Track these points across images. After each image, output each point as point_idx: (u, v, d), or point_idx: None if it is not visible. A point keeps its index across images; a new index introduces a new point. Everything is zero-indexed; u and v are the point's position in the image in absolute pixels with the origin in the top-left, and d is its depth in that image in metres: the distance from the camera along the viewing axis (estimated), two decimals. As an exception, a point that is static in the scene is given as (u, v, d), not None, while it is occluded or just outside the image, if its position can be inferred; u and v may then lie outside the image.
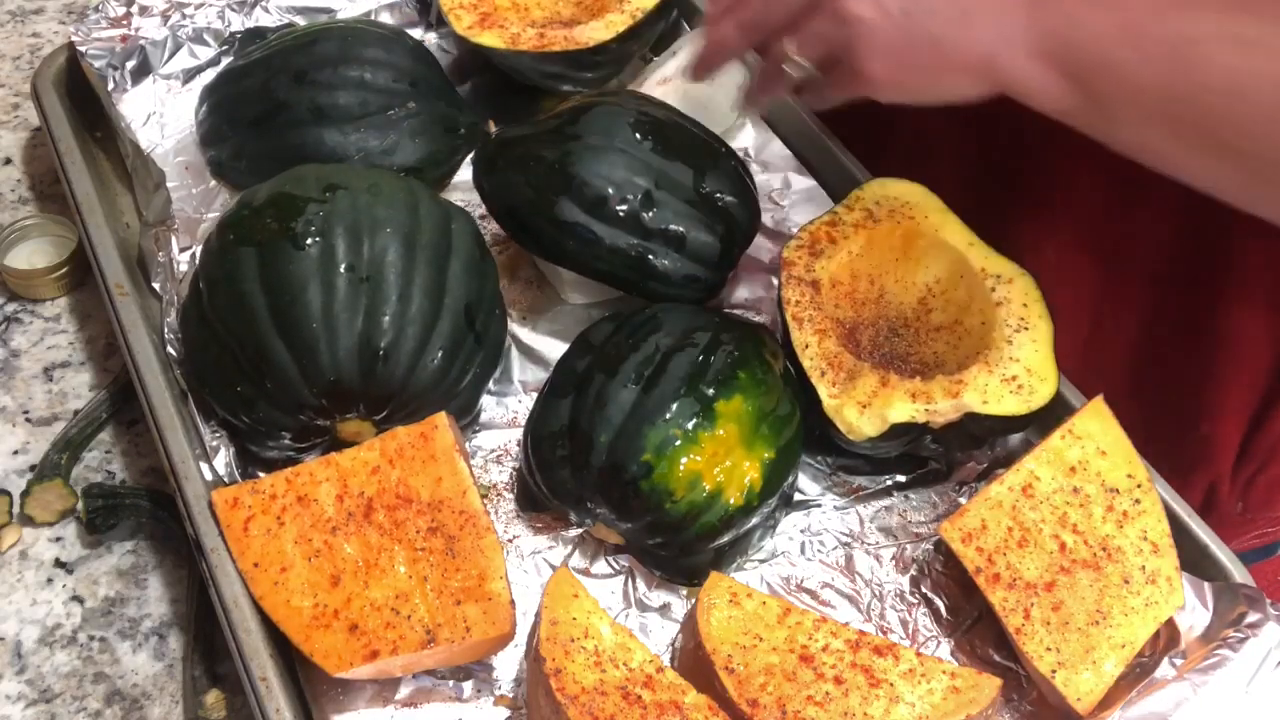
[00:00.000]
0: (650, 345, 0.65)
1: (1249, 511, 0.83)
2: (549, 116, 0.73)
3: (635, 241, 0.70)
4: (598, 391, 0.63)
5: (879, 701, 0.58)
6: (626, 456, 0.61)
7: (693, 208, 0.70)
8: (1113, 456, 0.66)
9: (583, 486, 0.63)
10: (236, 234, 0.65)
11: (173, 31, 0.87)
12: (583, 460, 0.62)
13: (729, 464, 0.62)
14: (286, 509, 0.61)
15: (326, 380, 0.62)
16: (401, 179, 0.69)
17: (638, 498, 0.61)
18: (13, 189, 0.89)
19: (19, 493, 0.70)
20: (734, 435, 0.62)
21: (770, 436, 0.64)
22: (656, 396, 0.62)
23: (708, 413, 0.62)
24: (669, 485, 0.61)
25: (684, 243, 0.70)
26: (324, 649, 0.57)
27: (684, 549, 0.64)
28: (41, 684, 0.65)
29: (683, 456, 0.61)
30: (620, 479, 0.61)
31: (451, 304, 0.65)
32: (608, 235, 0.69)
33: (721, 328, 0.67)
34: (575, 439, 0.63)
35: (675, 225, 0.70)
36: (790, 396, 0.66)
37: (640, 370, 0.63)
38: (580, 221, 0.69)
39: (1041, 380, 0.67)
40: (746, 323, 0.70)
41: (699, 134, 0.74)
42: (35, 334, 0.80)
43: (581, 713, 0.55)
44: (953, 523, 0.64)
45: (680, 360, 0.64)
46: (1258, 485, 0.81)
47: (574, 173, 0.69)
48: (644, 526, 0.63)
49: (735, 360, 0.64)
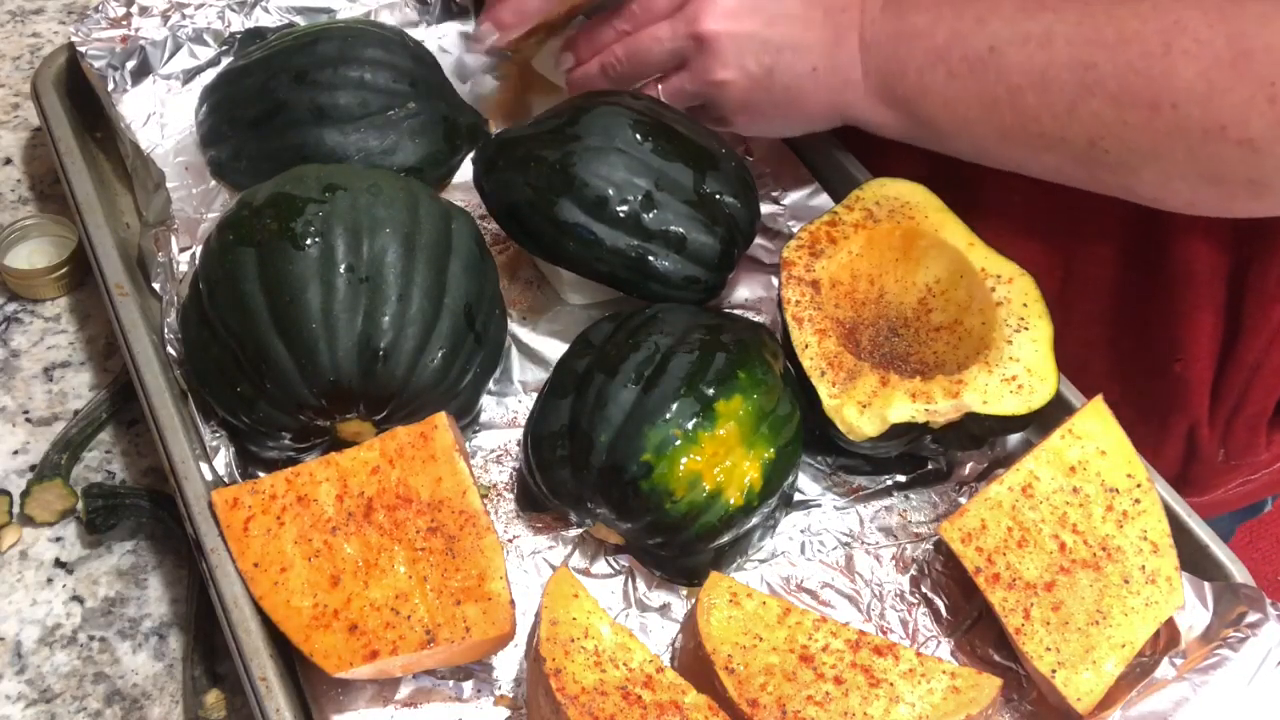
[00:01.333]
0: (650, 345, 0.65)
1: (1231, 458, 0.84)
2: (549, 116, 0.73)
3: (635, 243, 0.70)
4: (598, 391, 0.63)
5: (879, 701, 0.58)
6: (626, 456, 0.61)
7: (693, 209, 0.70)
8: (1112, 456, 0.66)
9: (583, 486, 0.63)
10: (236, 234, 0.65)
11: (173, 32, 0.87)
12: (583, 460, 0.62)
13: (729, 464, 0.62)
14: (286, 509, 0.61)
15: (326, 380, 0.62)
16: (401, 179, 0.69)
17: (638, 498, 0.61)
18: (13, 189, 0.89)
19: (19, 493, 0.70)
20: (734, 435, 0.62)
21: (770, 436, 0.64)
22: (656, 396, 0.62)
23: (708, 412, 0.62)
24: (669, 485, 0.61)
25: (684, 244, 0.70)
26: (324, 649, 0.57)
27: (684, 549, 0.64)
28: (41, 684, 0.65)
29: (683, 456, 0.61)
30: (620, 479, 0.61)
31: (451, 304, 0.65)
32: (608, 236, 0.69)
33: (721, 328, 0.67)
34: (575, 439, 0.63)
35: (675, 226, 0.70)
36: (790, 396, 0.66)
37: (640, 370, 0.63)
38: (580, 222, 0.69)
39: (1041, 380, 0.67)
40: (746, 322, 0.70)
41: (700, 135, 0.74)
42: (35, 334, 0.80)
43: (581, 713, 0.55)
44: (952, 523, 0.64)
45: (680, 360, 0.64)
46: (1236, 428, 0.82)
47: (574, 173, 0.69)
48: (644, 526, 0.63)
49: (735, 360, 0.64)
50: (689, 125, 0.74)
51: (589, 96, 0.75)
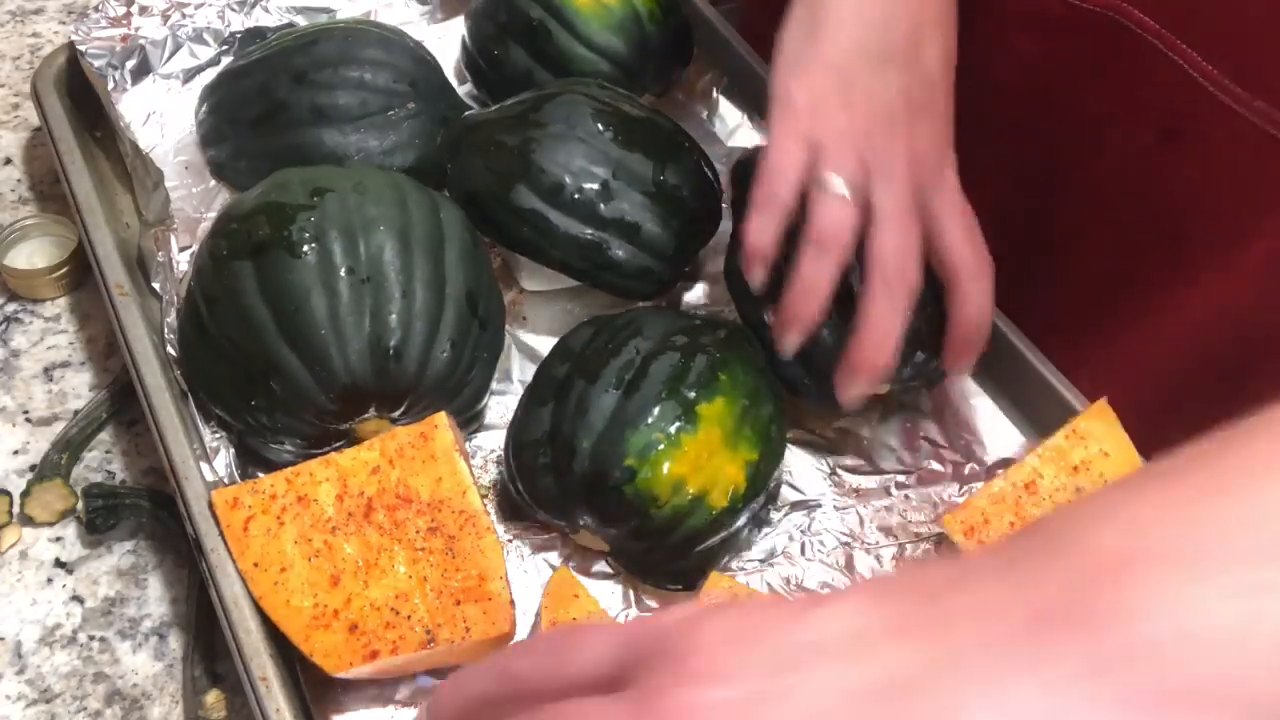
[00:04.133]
0: (630, 349, 0.64)
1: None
2: (514, 102, 0.74)
3: (590, 231, 0.69)
4: (578, 397, 0.62)
5: (880, 701, 0.58)
6: (609, 462, 0.60)
7: (650, 200, 0.70)
8: (1116, 458, 0.66)
9: (566, 494, 0.62)
10: (230, 248, 0.64)
11: (173, 31, 0.87)
12: (565, 467, 0.62)
13: (712, 467, 0.62)
14: (286, 509, 0.61)
15: (342, 384, 0.62)
16: (385, 174, 0.69)
17: (622, 503, 0.61)
18: (13, 189, 0.89)
19: (19, 493, 0.70)
20: (717, 438, 0.62)
21: (753, 437, 0.63)
22: (638, 401, 0.61)
23: (690, 416, 0.61)
24: (653, 490, 0.60)
25: (639, 233, 0.70)
26: (323, 649, 0.57)
27: (671, 553, 0.63)
28: (41, 684, 0.64)
29: (666, 460, 0.60)
30: (604, 485, 0.61)
31: (453, 294, 0.65)
32: (562, 223, 0.69)
33: (701, 330, 0.66)
34: (557, 446, 0.62)
35: (631, 216, 0.70)
36: (772, 396, 0.66)
37: (621, 375, 0.63)
38: (536, 208, 0.69)
39: None
40: (727, 324, 0.70)
41: (664, 127, 0.74)
42: (35, 334, 0.80)
43: None
44: (955, 515, 0.64)
45: (661, 364, 0.63)
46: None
47: (533, 159, 0.69)
48: (629, 532, 0.62)
49: (716, 362, 0.64)
50: (653, 117, 0.74)
51: (555, 85, 0.75)
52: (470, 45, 0.85)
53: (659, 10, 0.84)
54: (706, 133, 0.89)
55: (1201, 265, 0.74)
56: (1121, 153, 0.75)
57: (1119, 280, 0.80)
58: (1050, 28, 0.75)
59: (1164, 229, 0.75)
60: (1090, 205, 0.79)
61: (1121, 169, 0.76)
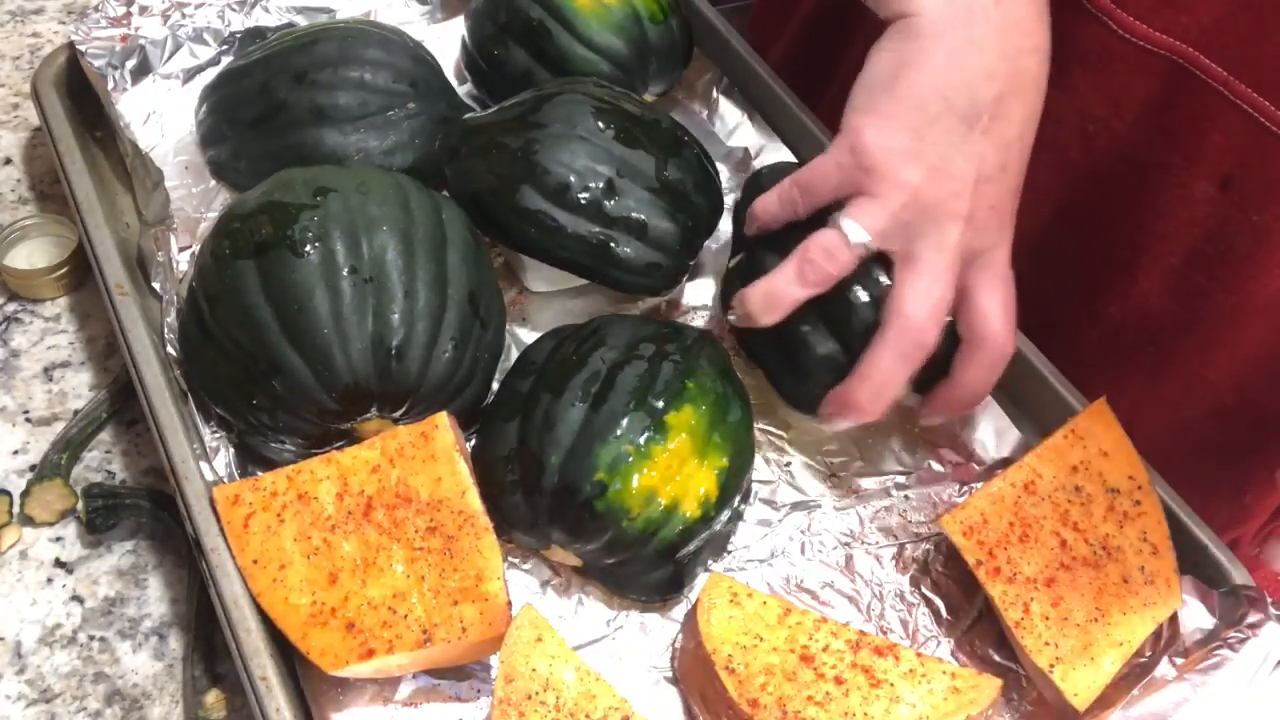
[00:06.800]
0: (596, 360, 0.63)
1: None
2: (512, 104, 0.74)
3: (597, 229, 0.69)
4: (545, 412, 0.62)
5: (879, 702, 0.58)
6: (579, 476, 0.60)
7: (654, 195, 0.70)
8: (1114, 458, 0.66)
9: (535, 510, 0.62)
10: (232, 248, 0.64)
11: (173, 31, 0.87)
12: (534, 484, 0.61)
13: (684, 476, 0.61)
14: (287, 506, 0.61)
15: (344, 384, 0.62)
16: (387, 174, 0.69)
17: (594, 518, 0.60)
18: (13, 189, 0.89)
19: (19, 493, 0.70)
20: (686, 447, 0.61)
21: (722, 444, 0.63)
22: (606, 413, 0.61)
23: (659, 426, 0.61)
24: (625, 503, 0.60)
25: (646, 230, 0.70)
26: (320, 647, 0.57)
27: (646, 565, 0.63)
28: (41, 684, 0.65)
29: (636, 473, 0.60)
30: (574, 500, 0.60)
31: (455, 294, 0.65)
32: (569, 223, 0.69)
33: (666, 338, 0.66)
34: (524, 462, 0.62)
35: (637, 213, 0.70)
36: (740, 400, 0.66)
37: (587, 387, 0.62)
38: (542, 209, 0.69)
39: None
40: (691, 329, 0.69)
41: (662, 123, 0.74)
42: (35, 334, 0.80)
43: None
44: (954, 515, 0.64)
45: (627, 374, 0.62)
46: None
47: (536, 160, 0.69)
48: (602, 546, 0.61)
49: (683, 370, 0.63)
50: (652, 114, 0.74)
51: (553, 85, 0.75)
52: (470, 45, 0.86)
53: (659, 10, 0.84)
54: (706, 132, 0.89)
55: (1254, 309, 0.73)
56: (1178, 196, 0.73)
57: (1164, 322, 0.78)
58: (1111, 67, 0.72)
59: (1216, 274, 0.73)
60: (1140, 246, 0.77)
61: (1176, 212, 0.73)
